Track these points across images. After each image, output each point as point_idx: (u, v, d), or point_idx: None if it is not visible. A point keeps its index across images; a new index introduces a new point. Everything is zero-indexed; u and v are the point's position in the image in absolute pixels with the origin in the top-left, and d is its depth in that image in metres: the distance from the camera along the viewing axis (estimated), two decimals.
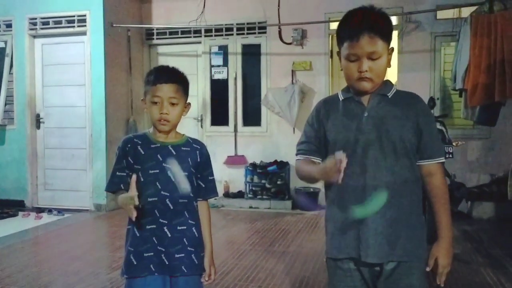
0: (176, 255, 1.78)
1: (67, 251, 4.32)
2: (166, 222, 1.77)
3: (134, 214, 1.63)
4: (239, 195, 6.33)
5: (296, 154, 1.74)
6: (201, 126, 6.70)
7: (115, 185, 1.81)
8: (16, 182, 6.38)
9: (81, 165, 6.20)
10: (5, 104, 6.42)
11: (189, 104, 1.90)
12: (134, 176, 1.69)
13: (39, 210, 6.07)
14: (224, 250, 4.24)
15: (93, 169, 6.06)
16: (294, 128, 6.20)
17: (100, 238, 5.09)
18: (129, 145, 1.82)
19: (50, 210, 5.99)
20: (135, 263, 1.77)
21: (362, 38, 1.51)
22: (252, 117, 6.63)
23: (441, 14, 5.79)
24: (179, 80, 1.83)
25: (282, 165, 6.16)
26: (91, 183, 6.09)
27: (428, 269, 1.62)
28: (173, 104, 1.79)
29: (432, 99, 4.89)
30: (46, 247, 4.59)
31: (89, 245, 4.62)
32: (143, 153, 1.80)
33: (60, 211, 5.96)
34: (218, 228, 5.07)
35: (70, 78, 6.24)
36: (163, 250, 1.77)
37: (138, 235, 1.78)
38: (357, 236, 1.58)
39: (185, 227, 1.81)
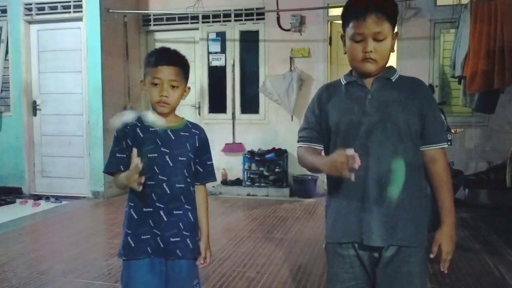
0: (172, 239, 1.78)
1: (65, 238, 4.33)
2: (163, 206, 1.77)
3: (142, 180, 1.63)
4: (237, 182, 6.33)
5: (298, 141, 1.73)
6: (199, 114, 6.67)
7: (114, 166, 1.79)
8: (13, 169, 6.37)
9: (78, 152, 6.18)
10: (1, 91, 6.38)
11: (189, 88, 1.89)
12: (135, 150, 1.68)
13: (37, 197, 6.06)
14: (222, 237, 4.25)
15: (90, 156, 6.04)
16: (292, 116, 6.18)
17: (97, 225, 5.09)
18: (128, 127, 1.80)
19: (47, 197, 5.99)
20: (133, 245, 1.78)
21: (369, 17, 1.50)
22: (250, 104, 6.60)
23: (441, 1, 5.74)
24: (180, 63, 1.81)
25: (280, 153, 6.15)
26: (88, 170, 6.07)
27: (432, 255, 1.62)
28: (173, 87, 1.77)
29: (431, 87, 4.89)
30: (43, 234, 4.60)
31: (87, 232, 4.62)
32: (142, 136, 1.79)
33: (58, 198, 5.96)
34: (216, 216, 5.08)
35: (67, 65, 6.19)
36: (159, 233, 1.78)
37: (136, 217, 1.79)
38: (359, 220, 1.57)
39: (181, 212, 1.81)
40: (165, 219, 1.77)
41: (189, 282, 1.87)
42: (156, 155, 1.77)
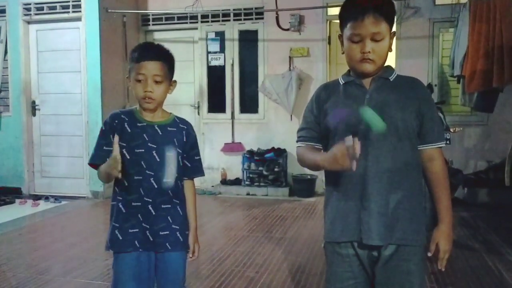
0: (161, 233, 1.81)
1: (64, 238, 4.33)
2: (151, 200, 1.80)
3: (118, 168, 1.65)
4: (237, 182, 6.33)
5: (297, 141, 1.73)
6: (198, 113, 6.67)
7: (100, 158, 1.81)
8: (12, 170, 6.36)
9: (77, 152, 6.18)
10: (0, 91, 6.37)
11: (175, 81, 1.89)
12: (116, 137, 1.70)
13: (36, 197, 6.06)
14: (221, 237, 4.25)
15: (89, 156, 6.02)
16: (291, 115, 6.18)
17: (97, 224, 5.08)
18: (116, 121, 1.82)
19: (47, 197, 5.99)
20: (120, 238, 1.81)
21: (367, 18, 1.50)
22: (249, 104, 6.60)
23: (440, 0, 5.74)
24: (164, 57, 1.81)
25: (279, 152, 6.15)
26: (88, 170, 6.06)
27: (429, 254, 1.62)
28: (157, 82, 1.78)
29: (430, 86, 4.88)
30: (43, 234, 4.59)
31: (86, 232, 4.62)
32: (129, 131, 1.81)
33: (57, 198, 5.96)
34: (215, 215, 5.08)
35: (66, 65, 6.18)
36: (148, 227, 1.80)
37: (124, 211, 1.82)
38: (358, 219, 1.57)
39: (169, 206, 1.84)
40: (154, 213, 1.80)
41: (181, 275, 1.90)
42: (143, 150, 1.79)
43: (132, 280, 1.81)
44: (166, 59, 1.82)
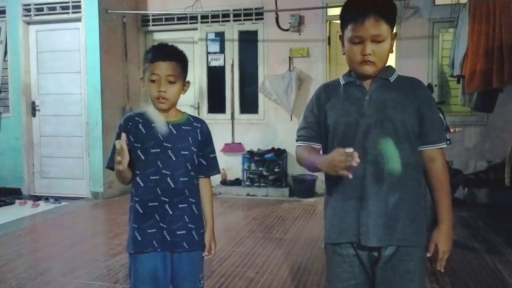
0: (178, 232, 1.82)
1: (64, 238, 4.33)
2: (168, 200, 1.80)
3: (119, 158, 1.65)
4: (237, 182, 6.33)
5: (296, 140, 1.74)
6: (198, 114, 6.66)
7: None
8: (12, 170, 6.37)
9: (77, 153, 6.18)
10: (0, 92, 6.37)
11: (188, 82, 1.90)
12: (123, 135, 1.69)
13: (36, 198, 6.06)
14: (221, 237, 4.25)
15: (89, 157, 6.04)
16: (291, 116, 6.18)
17: (97, 225, 5.09)
18: (130, 123, 1.83)
19: (47, 198, 5.99)
20: (139, 238, 1.81)
21: (367, 20, 1.49)
22: (249, 104, 6.60)
23: (440, 0, 5.74)
24: (177, 58, 1.82)
25: (280, 153, 6.15)
26: (88, 170, 6.07)
27: (429, 254, 1.62)
28: (171, 82, 1.78)
29: (430, 86, 4.89)
30: (43, 235, 4.59)
31: (87, 232, 4.62)
32: (144, 131, 1.81)
33: (57, 199, 5.96)
34: (215, 216, 5.00)
35: (65, 65, 6.18)
36: (165, 227, 1.81)
37: (141, 211, 1.82)
38: (356, 220, 1.58)
39: (185, 205, 1.84)
40: (171, 212, 1.81)
41: (196, 274, 1.91)
42: (158, 150, 1.79)
43: (150, 281, 1.82)
44: (180, 59, 1.83)
